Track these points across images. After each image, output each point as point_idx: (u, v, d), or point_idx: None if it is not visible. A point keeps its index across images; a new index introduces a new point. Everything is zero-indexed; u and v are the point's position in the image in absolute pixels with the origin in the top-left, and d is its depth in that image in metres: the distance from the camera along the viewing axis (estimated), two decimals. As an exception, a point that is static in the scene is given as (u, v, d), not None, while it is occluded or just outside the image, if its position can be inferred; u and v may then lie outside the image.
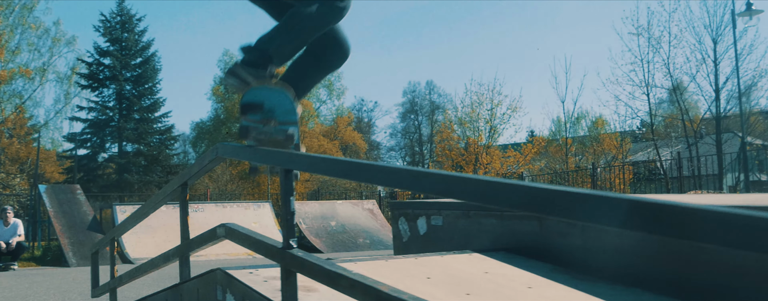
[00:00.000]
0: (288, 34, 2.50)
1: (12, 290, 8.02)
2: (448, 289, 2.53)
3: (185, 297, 3.12)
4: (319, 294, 2.38)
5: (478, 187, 1.34)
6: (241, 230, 2.67)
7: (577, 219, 1.16)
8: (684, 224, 1.05)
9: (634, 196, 1.12)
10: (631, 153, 30.21)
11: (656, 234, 1.06)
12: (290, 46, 2.53)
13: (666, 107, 29.56)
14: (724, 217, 0.99)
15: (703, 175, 22.88)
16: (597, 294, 2.55)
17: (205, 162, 3.00)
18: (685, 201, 1.02)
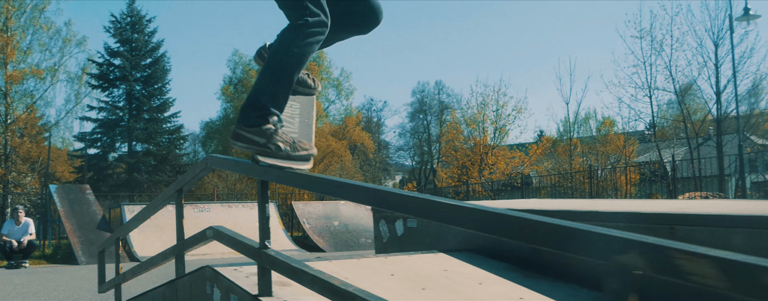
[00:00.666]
0: (273, 77, 2.46)
1: (24, 286, 8.41)
2: (407, 284, 2.88)
3: (180, 292, 3.48)
4: (292, 288, 2.73)
5: (396, 199, 1.70)
6: (226, 231, 3.03)
7: (475, 229, 1.51)
8: (523, 232, 1.40)
9: (482, 206, 1.47)
10: (640, 154, 30.40)
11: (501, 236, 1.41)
12: (283, 88, 2.47)
13: (675, 108, 29.67)
14: (543, 225, 1.34)
15: (704, 176, 23.11)
16: (537, 289, 2.90)
17: (197, 171, 3.36)
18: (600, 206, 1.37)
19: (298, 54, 2.44)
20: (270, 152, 2.42)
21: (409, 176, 52.50)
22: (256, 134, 2.42)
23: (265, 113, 2.42)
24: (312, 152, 2.50)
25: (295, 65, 2.46)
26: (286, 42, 2.44)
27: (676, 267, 1.15)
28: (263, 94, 2.45)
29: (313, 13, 2.42)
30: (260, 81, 2.49)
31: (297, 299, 2.59)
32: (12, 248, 12.54)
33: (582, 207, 3.54)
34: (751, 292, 1.03)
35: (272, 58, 2.49)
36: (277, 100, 2.47)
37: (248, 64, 41.40)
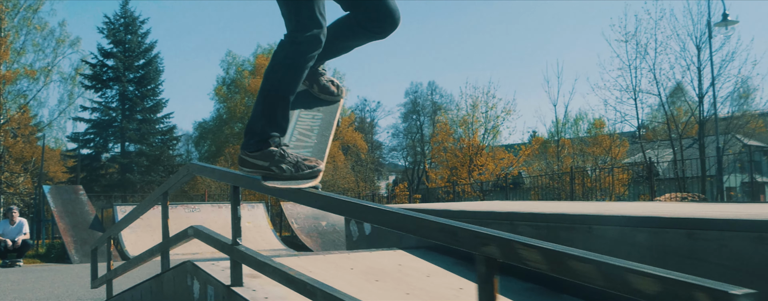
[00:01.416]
0: (268, 101, 2.46)
1: (19, 284, 8.77)
2: (363, 277, 3.29)
3: (165, 285, 3.88)
4: (261, 280, 3.12)
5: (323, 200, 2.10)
6: (204, 230, 3.43)
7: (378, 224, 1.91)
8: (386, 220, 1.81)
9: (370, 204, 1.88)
10: (631, 155, 30.84)
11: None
12: (279, 110, 2.47)
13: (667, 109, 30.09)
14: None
15: (688, 177, 23.61)
16: (474, 280, 3.30)
17: (179, 177, 3.76)
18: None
19: (291, 74, 2.44)
20: (274, 175, 2.43)
21: (403, 177, 52.86)
22: (258, 158, 2.44)
23: (265, 138, 2.43)
24: (318, 168, 2.46)
25: (289, 86, 2.45)
26: (278, 63, 2.45)
27: (518, 255, 1.55)
28: (260, 118, 2.46)
29: (307, 27, 2.38)
30: (257, 105, 2.49)
31: (263, 288, 2.99)
32: (6, 247, 12.88)
33: (503, 208, 3.95)
34: (560, 271, 1.44)
35: (266, 80, 2.48)
36: (275, 123, 2.46)
37: (241, 64, 41.70)
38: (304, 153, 2.53)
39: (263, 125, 2.45)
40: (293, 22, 2.40)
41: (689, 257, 2.69)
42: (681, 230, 2.72)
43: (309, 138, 2.65)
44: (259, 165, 2.45)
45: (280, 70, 2.44)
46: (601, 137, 29.71)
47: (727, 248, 2.57)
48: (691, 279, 1.20)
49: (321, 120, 2.74)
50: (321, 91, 2.80)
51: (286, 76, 2.44)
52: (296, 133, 2.65)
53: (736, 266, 2.54)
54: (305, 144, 2.61)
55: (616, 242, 2.97)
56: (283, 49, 2.44)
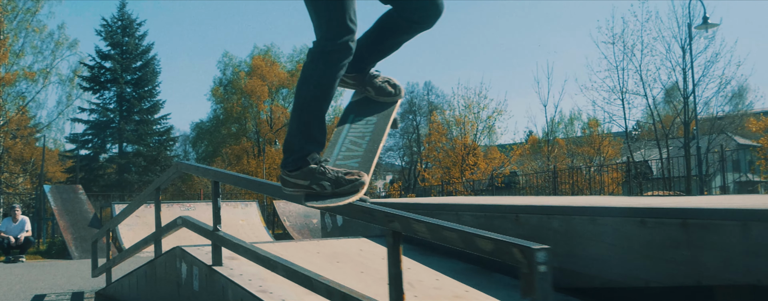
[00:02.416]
0: (302, 117, 2.41)
1: (23, 276, 9.31)
2: (326, 259, 3.83)
3: (157, 268, 4.42)
4: (238, 261, 3.67)
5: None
6: (190, 220, 3.98)
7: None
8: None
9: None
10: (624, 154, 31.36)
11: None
12: (315, 126, 2.41)
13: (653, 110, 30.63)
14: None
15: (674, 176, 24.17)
16: (426, 263, 3.86)
17: (170, 174, 4.31)
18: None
19: (323, 86, 2.38)
20: (315, 193, 2.38)
21: (399, 176, 53.33)
22: (299, 177, 2.38)
23: (303, 155, 2.37)
24: (360, 181, 2.36)
25: (322, 98, 2.40)
26: (309, 75, 2.40)
27: (412, 228, 2.10)
28: (296, 135, 2.41)
29: (337, 35, 2.32)
30: (291, 121, 2.44)
31: (240, 267, 3.54)
32: (9, 243, 13.40)
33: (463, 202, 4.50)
34: (437, 238, 1.98)
35: (298, 95, 2.43)
36: (311, 138, 2.41)
37: (238, 65, 42.19)
38: (352, 163, 2.45)
39: (300, 141, 2.39)
40: (323, 29, 2.34)
41: (591, 239, 3.24)
42: (585, 217, 3.27)
43: (359, 146, 2.54)
44: (300, 184, 2.39)
45: (311, 83, 2.38)
46: (593, 137, 30.31)
47: (619, 231, 3.12)
48: (510, 239, 1.75)
49: (374, 125, 2.63)
50: (378, 94, 2.70)
51: (318, 89, 2.37)
52: (347, 142, 2.56)
53: (625, 245, 3.09)
54: (354, 153, 2.52)
55: (536, 227, 3.52)
56: (312, 62, 2.38)
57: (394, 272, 2.25)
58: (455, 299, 3.24)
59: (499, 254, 1.78)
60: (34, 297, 6.34)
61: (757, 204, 2.83)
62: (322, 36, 2.34)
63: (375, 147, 2.55)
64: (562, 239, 3.38)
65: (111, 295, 5.62)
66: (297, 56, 43.74)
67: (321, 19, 2.35)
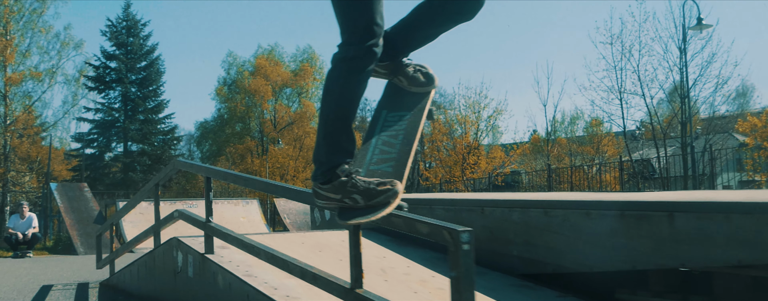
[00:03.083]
0: (328, 127, 2.32)
1: (31, 270, 9.69)
2: (309, 249, 4.19)
3: (156, 258, 4.78)
4: (229, 250, 4.02)
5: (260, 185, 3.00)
6: (186, 212, 4.34)
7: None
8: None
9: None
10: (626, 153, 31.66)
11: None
12: (344, 134, 2.32)
13: (665, 107, 30.84)
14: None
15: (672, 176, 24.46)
16: (402, 252, 4.21)
17: (167, 171, 4.67)
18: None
19: (348, 94, 2.29)
20: (347, 206, 2.31)
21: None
22: (330, 191, 2.30)
23: (331, 167, 2.28)
24: (393, 190, 2.27)
25: (348, 107, 2.31)
26: (333, 83, 2.30)
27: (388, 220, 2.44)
28: (323, 146, 2.32)
29: (362, 38, 2.22)
30: (319, 131, 2.37)
31: (230, 255, 3.89)
32: (17, 239, 13.81)
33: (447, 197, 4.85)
34: (387, 224, 2.33)
35: (323, 103, 2.35)
36: (339, 148, 2.31)
37: (242, 65, 42.60)
38: (386, 168, 2.35)
39: (328, 153, 2.31)
40: (349, 31, 2.26)
41: (545, 230, 3.59)
42: (539, 209, 3.62)
43: (392, 147, 2.43)
44: (331, 198, 2.32)
45: (335, 91, 2.29)
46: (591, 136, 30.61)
47: (568, 222, 3.46)
48: (441, 223, 2.10)
49: (407, 122, 2.52)
50: (411, 84, 2.60)
51: (343, 97, 2.29)
52: (380, 143, 2.44)
53: (573, 234, 3.44)
54: (389, 155, 2.41)
55: (499, 220, 3.87)
56: (335, 69, 2.29)
57: (355, 254, 2.60)
58: (421, 282, 3.59)
59: (434, 235, 2.13)
60: (41, 287, 6.71)
61: (683, 197, 3.17)
62: (346, 40, 2.26)
63: (408, 147, 2.44)
64: (521, 230, 3.73)
65: (114, 284, 5.98)
66: (300, 56, 44.10)
67: (346, 21, 2.26)
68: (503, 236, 3.82)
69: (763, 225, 2.60)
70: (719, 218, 2.75)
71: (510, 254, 3.78)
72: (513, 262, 3.76)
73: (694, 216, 2.84)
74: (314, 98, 44.50)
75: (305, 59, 43.85)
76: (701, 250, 2.80)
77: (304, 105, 42.15)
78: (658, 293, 3.12)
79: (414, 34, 2.51)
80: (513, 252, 3.75)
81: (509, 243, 3.79)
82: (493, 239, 3.91)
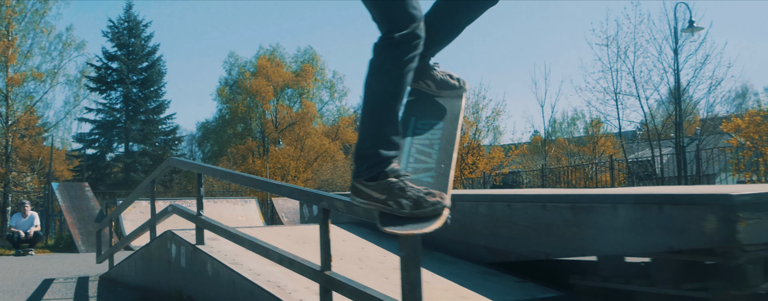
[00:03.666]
0: (374, 117, 2.19)
1: (33, 265, 10.01)
2: (294, 241, 4.50)
3: (152, 250, 5.10)
4: (218, 242, 4.33)
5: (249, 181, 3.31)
6: (179, 207, 4.66)
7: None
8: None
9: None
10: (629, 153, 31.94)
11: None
12: (389, 125, 2.17)
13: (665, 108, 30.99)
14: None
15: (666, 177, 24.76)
16: (380, 244, 4.52)
17: (163, 168, 4.98)
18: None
19: (394, 80, 2.16)
20: (391, 210, 2.15)
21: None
22: (374, 189, 2.14)
23: (379, 160, 2.14)
24: (442, 203, 2.15)
25: (394, 94, 2.17)
26: (377, 70, 2.18)
27: (334, 206, 2.76)
28: (368, 138, 2.18)
29: (401, 25, 2.13)
30: (362, 124, 2.25)
31: (219, 246, 4.21)
32: (20, 238, 14.14)
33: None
34: (347, 211, 2.64)
35: (367, 92, 2.20)
36: (386, 139, 2.16)
37: (243, 66, 42.94)
38: (425, 178, 2.23)
39: (373, 145, 2.16)
40: (386, 22, 2.16)
41: (508, 221, 3.90)
42: (503, 203, 3.93)
43: (429, 156, 2.29)
44: (375, 197, 2.15)
45: (380, 78, 2.17)
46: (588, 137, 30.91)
47: (527, 214, 3.77)
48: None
49: (442, 130, 2.38)
50: (439, 88, 2.49)
51: (390, 84, 2.16)
52: (414, 151, 2.30)
53: (532, 225, 3.74)
54: (426, 164, 2.27)
55: (468, 213, 4.18)
56: (380, 55, 2.17)
57: (324, 240, 2.91)
58: (394, 270, 3.88)
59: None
60: (43, 281, 7.02)
61: (628, 191, 3.48)
62: (388, 29, 2.15)
63: (448, 158, 2.31)
64: (487, 222, 4.04)
65: (113, 277, 6.30)
66: (301, 57, 44.45)
67: (382, 13, 2.18)
68: (471, 228, 4.13)
69: (690, 215, 2.91)
70: (654, 209, 3.06)
71: (478, 245, 4.09)
72: (480, 252, 4.07)
73: (633, 208, 3.15)
74: (315, 99, 44.83)
75: (306, 60, 44.18)
76: (639, 238, 3.12)
77: (305, 106, 42.49)
78: (605, 277, 3.43)
79: (438, 27, 2.36)
80: (480, 243, 4.07)
81: (477, 234, 4.10)
82: (463, 231, 4.22)
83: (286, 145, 39.42)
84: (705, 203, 2.85)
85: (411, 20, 2.13)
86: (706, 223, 2.81)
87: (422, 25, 2.17)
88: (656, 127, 26.21)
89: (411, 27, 2.13)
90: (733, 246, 2.75)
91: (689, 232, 2.89)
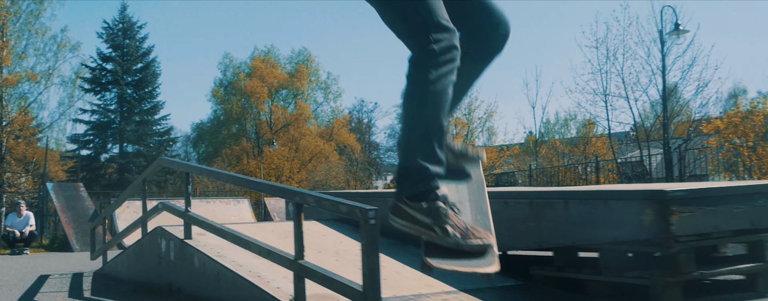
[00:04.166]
0: (418, 131, 2.07)
1: (28, 264, 10.27)
2: (277, 236, 4.78)
3: (143, 246, 5.37)
4: (205, 236, 4.61)
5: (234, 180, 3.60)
6: (169, 204, 4.94)
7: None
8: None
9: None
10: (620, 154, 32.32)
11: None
12: (436, 137, 2.05)
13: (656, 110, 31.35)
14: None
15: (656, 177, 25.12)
16: (356, 238, 4.80)
17: (154, 167, 5.26)
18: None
19: (435, 94, 2.03)
20: (435, 236, 1.98)
21: (399, 176, 54.01)
22: (421, 212, 2.00)
23: (426, 176, 2.01)
24: (487, 242, 2.00)
25: (437, 108, 2.04)
26: (415, 85, 2.06)
27: (306, 201, 3.04)
28: (412, 154, 2.04)
29: (436, 38, 2.02)
30: (405, 141, 2.11)
31: (205, 240, 4.49)
32: (15, 237, 14.39)
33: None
34: (318, 205, 2.92)
35: (407, 110, 2.09)
36: (432, 155, 2.02)
37: (238, 66, 43.17)
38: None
39: (419, 159, 2.01)
40: (420, 36, 2.05)
41: (474, 217, 4.18)
42: (469, 199, 4.21)
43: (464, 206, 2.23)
44: (419, 220, 2.00)
45: (421, 92, 2.04)
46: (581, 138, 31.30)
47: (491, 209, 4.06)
48: (355, 204, 2.70)
49: (468, 191, 2.36)
50: (458, 158, 2.41)
51: (432, 97, 2.03)
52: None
53: (494, 220, 4.02)
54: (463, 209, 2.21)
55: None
56: (418, 68, 2.05)
57: (297, 232, 3.19)
58: (368, 262, 4.19)
59: (350, 214, 2.73)
60: (39, 277, 7.28)
61: (579, 189, 3.77)
62: (423, 42, 2.03)
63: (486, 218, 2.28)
64: (456, 218, 4.32)
65: (107, 273, 6.57)
66: (296, 58, 44.71)
67: (411, 24, 2.07)
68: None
69: (631, 210, 3.21)
70: (600, 204, 3.36)
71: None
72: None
73: (582, 203, 3.45)
74: (310, 100, 45.09)
75: (301, 61, 44.44)
76: (587, 230, 3.41)
77: (300, 106, 42.76)
78: (559, 267, 3.72)
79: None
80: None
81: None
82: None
83: (280, 146, 39.68)
84: (643, 198, 3.14)
85: (446, 30, 2.04)
86: (644, 216, 3.10)
87: (458, 37, 2.07)
88: (644, 128, 26.61)
89: (445, 37, 2.03)
90: (668, 237, 3.04)
91: (630, 225, 3.19)
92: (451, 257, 1.92)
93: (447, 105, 2.06)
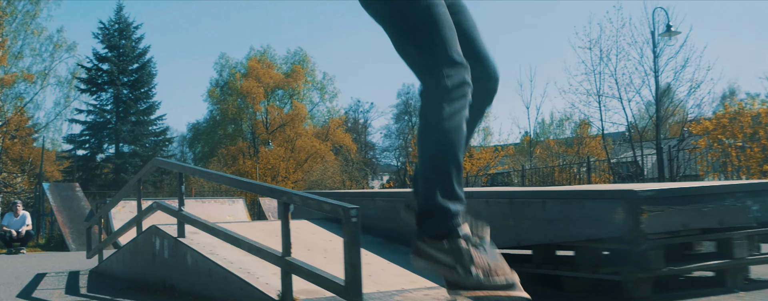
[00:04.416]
0: (437, 168, 2.03)
1: (25, 263, 10.39)
2: (268, 234, 4.91)
3: (138, 244, 5.51)
4: (198, 235, 4.74)
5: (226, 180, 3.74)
6: (163, 203, 5.07)
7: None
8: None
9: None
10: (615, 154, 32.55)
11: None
12: (455, 172, 2.03)
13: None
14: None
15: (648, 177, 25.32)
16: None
17: (147, 168, 5.39)
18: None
19: (450, 131, 2.00)
20: (457, 277, 1.94)
21: (396, 176, 54.33)
22: (442, 251, 1.96)
23: (447, 215, 2.00)
24: (511, 280, 1.94)
25: (453, 145, 2.01)
26: (430, 121, 2.03)
27: (293, 200, 3.18)
28: (434, 191, 2.01)
29: (449, 73, 1.99)
30: (424, 179, 2.07)
31: (199, 239, 4.62)
32: (11, 236, 14.51)
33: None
34: (304, 204, 3.06)
35: (424, 146, 2.06)
36: (452, 193, 2.02)
37: (234, 67, 43.28)
38: None
39: (442, 197, 2.00)
40: (431, 69, 2.03)
41: (457, 216, 4.33)
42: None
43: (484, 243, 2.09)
44: (441, 261, 1.97)
45: (436, 129, 2.01)
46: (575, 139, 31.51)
47: (472, 208, 4.20)
48: (339, 203, 2.84)
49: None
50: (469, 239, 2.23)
51: (448, 133, 2.00)
52: None
53: (477, 218, 4.17)
54: None
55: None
56: (430, 104, 2.02)
57: (285, 230, 3.34)
58: (355, 260, 4.33)
59: (333, 212, 2.88)
60: (36, 275, 7.40)
61: (557, 188, 3.92)
62: (433, 78, 2.00)
63: None
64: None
65: (103, 271, 6.70)
66: (292, 58, 44.85)
67: (425, 59, 2.05)
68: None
69: (604, 209, 3.36)
70: (576, 203, 3.50)
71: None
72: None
73: (559, 202, 3.59)
74: (306, 100, 45.23)
75: (297, 61, 44.57)
76: (563, 228, 3.56)
77: (296, 107, 42.90)
78: (538, 264, 3.87)
79: None
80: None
81: (431, 228, 4.52)
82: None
83: (276, 146, 39.80)
84: (615, 197, 3.29)
85: (459, 66, 2.02)
86: (616, 215, 3.25)
87: (470, 73, 2.04)
88: (637, 129, 26.82)
89: (460, 73, 2.01)
90: (638, 235, 3.19)
91: (604, 223, 3.33)
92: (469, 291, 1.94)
93: (462, 141, 2.04)
